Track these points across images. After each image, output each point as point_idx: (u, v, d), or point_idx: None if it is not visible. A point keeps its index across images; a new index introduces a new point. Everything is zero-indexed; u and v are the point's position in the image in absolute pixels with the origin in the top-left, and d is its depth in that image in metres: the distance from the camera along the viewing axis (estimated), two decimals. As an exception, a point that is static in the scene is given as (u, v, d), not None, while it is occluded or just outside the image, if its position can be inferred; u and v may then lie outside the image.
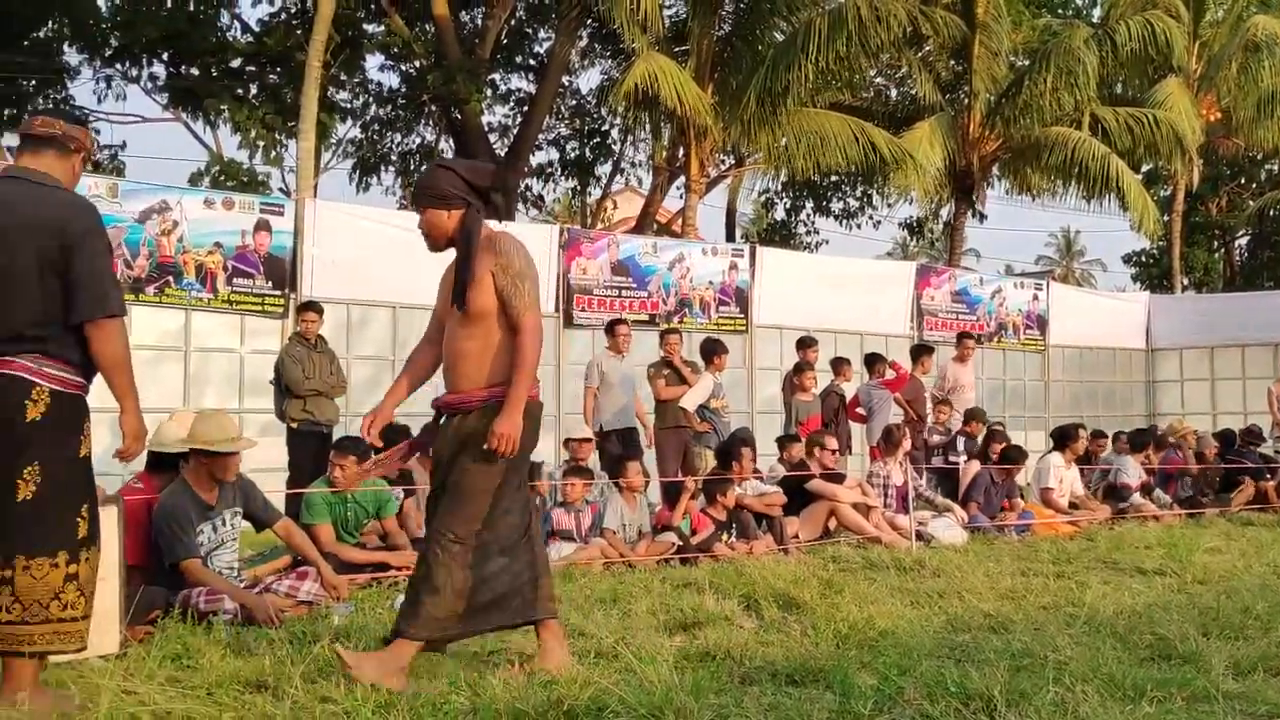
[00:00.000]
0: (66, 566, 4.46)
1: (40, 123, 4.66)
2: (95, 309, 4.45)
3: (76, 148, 4.69)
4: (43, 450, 4.43)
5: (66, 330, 4.44)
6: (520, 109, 26.04)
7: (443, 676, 4.95)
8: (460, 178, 5.02)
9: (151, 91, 23.29)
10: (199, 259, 12.29)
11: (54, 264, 4.40)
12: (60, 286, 4.41)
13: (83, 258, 4.43)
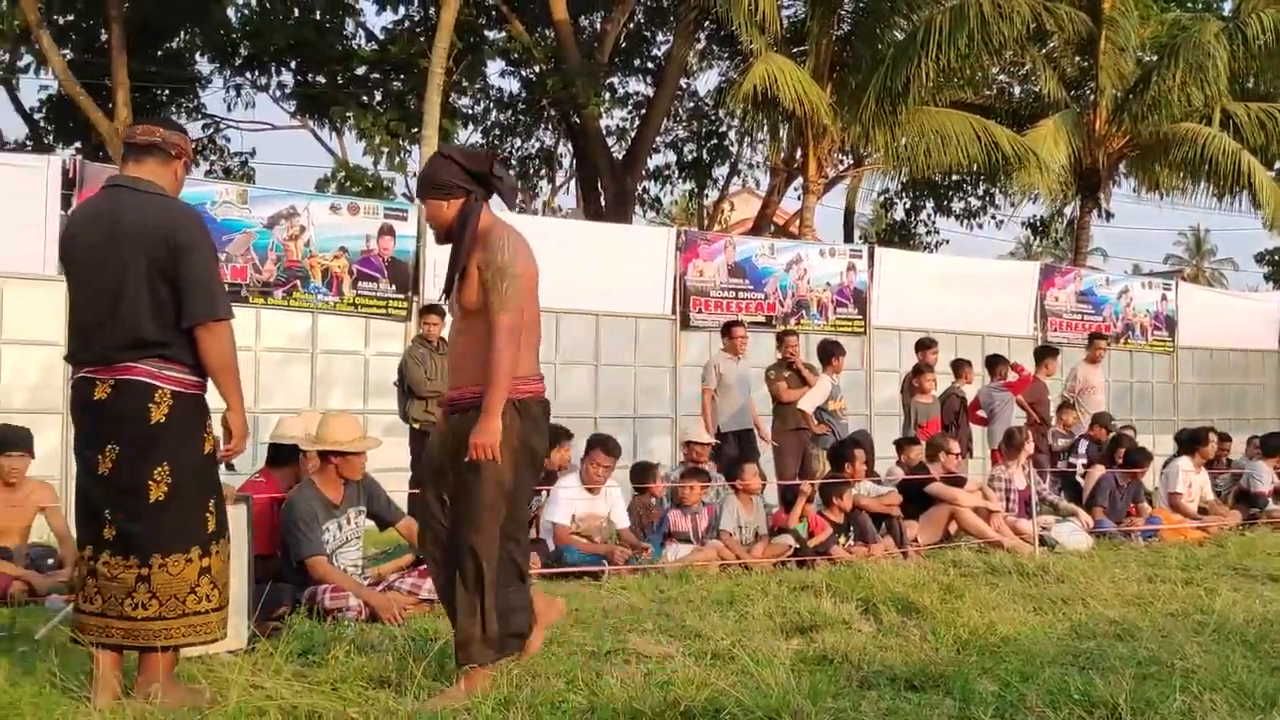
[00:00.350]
0: (200, 560, 4.60)
1: (141, 131, 4.77)
2: (205, 313, 4.56)
3: (177, 153, 4.78)
4: (170, 451, 4.57)
5: (181, 334, 4.56)
6: (638, 112, 26.14)
7: (560, 674, 5.00)
8: (459, 166, 4.86)
9: (280, 99, 23.92)
10: (325, 263, 12.56)
11: (164, 271, 4.51)
12: (170, 292, 4.53)
13: (191, 263, 4.53)
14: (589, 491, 8.88)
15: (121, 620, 4.51)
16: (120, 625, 4.52)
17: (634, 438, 14.03)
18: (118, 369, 4.52)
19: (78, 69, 19.72)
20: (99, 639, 4.54)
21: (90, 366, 4.55)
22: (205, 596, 4.62)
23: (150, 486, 4.53)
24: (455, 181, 4.85)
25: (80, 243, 4.60)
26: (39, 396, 11.11)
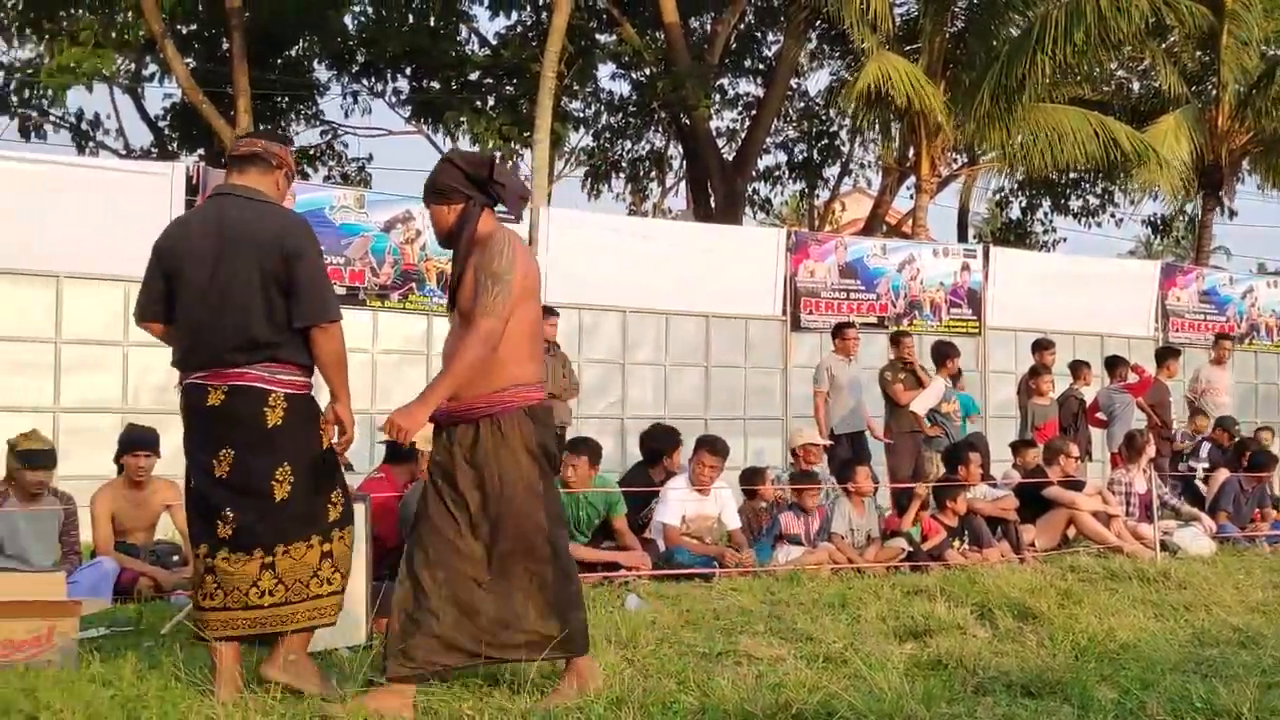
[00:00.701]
0: (320, 545, 4.76)
1: (244, 142, 4.92)
2: (319, 315, 4.68)
3: (278, 163, 4.89)
4: (289, 451, 4.70)
5: (292, 335, 4.66)
6: (748, 113, 26.08)
7: (671, 675, 5.01)
8: (459, 171, 4.79)
9: (395, 105, 24.29)
10: (440, 266, 12.72)
11: (276, 276, 4.62)
12: (282, 296, 4.64)
13: (303, 268, 4.65)
14: (699, 492, 8.89)
15: (246, 610, 4.63)
16: (245, 616, 4.64)
17: (744, 440, 13.98)
18: (230, 375, 4.63)
19: (200, 77, 20.22)
20: (223, 634, 4.66)
21: (201, 372, 4.66)
22: (327, 579, 4.77)
23: (274, 487, 4.65)
24: (456, 186, 4.77)
25: (188, 250, 4.71)
26: (164, 398, 11.40)
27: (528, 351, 4.67)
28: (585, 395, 12.56)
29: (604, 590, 7.67)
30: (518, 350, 4.63)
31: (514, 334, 4.59)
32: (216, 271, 4.64)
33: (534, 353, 4.74)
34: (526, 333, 4.66)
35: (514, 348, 4.61)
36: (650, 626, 6.20)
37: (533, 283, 4.73)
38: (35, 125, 22.66)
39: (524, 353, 4.65)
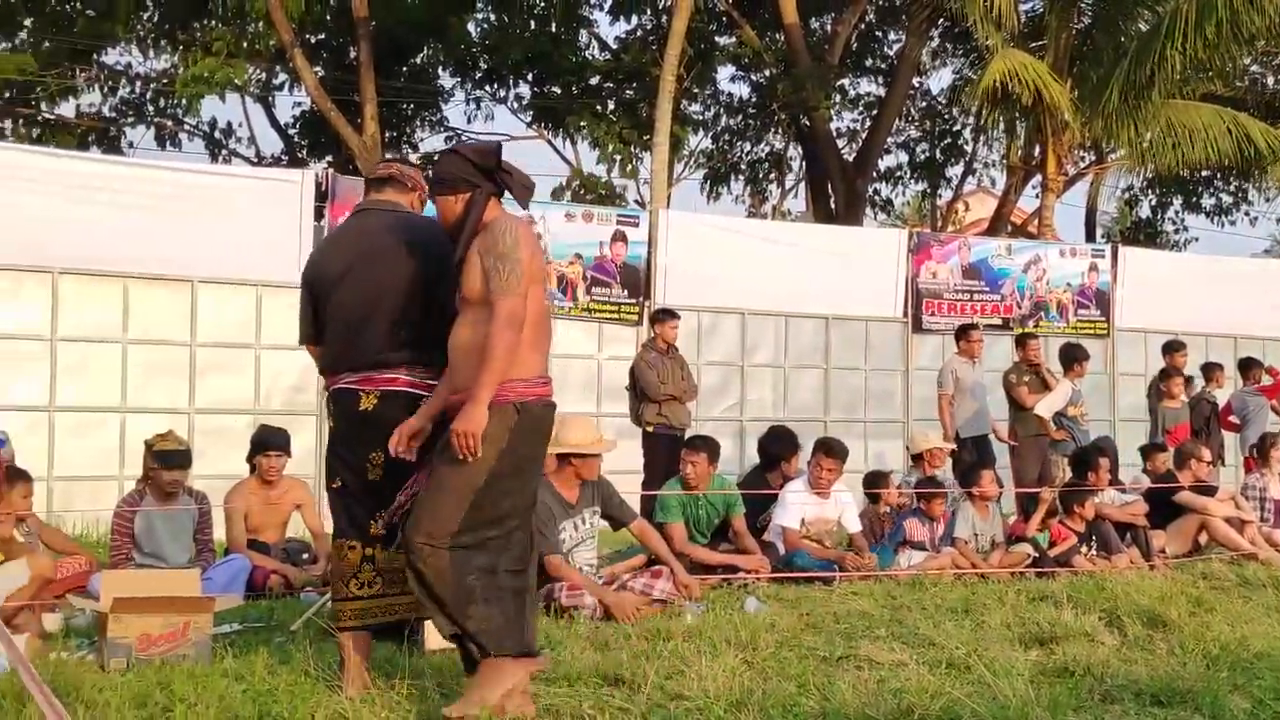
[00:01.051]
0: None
1: (381, 165, 5.12)
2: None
3: (413, 185, 5.03)
4: (437, 457, 4.74)
5: (439, 341, 4.67)
6: (869, 113, 25.87)
7: (791, 678, 5.00)
8: (466, 160, 4.62)
9: (517, 111, 24.57)
10: (560, 269, 12.86)
11: (428, 282, 4.71)
12: (434, 300, 4.70)
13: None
14: (818, 495, 8.84)
15: (404, 595, 4.72)
16: (405, 600, 4.75)
17: (864, 443, 13.87)
18: (382, 380, 4.72)
19: (328, 86, 20.68)
20: (383, 618, 4.80)
21: (352, 376, 4.74)
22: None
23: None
24: (461, 175, 4.58)
25: (334, 260, 4.83)
26: (295, 399, 11.70)
27: (529, 340, 4.43)
28: (703, 398, 12.57)
29: (723, 592, 7.67)
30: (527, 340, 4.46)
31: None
32: (367, 279, 4.73)
33: (533, 342, 4.47)
34: (529, 321, 4.43)
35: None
36: (770, 629, 6.18)
37: (538, 267, 4.51)
38: (171, 134, 23.39)
39: (524, 342, 4.41)
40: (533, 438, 4.49)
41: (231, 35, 20.11)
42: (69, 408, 10.85)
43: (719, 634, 5.93)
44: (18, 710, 4.22)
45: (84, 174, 11.37)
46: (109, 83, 22.92)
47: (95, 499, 10.39)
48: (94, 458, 10.85)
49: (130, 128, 23.68)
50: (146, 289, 11.22)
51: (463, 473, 4.33)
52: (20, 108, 21.88)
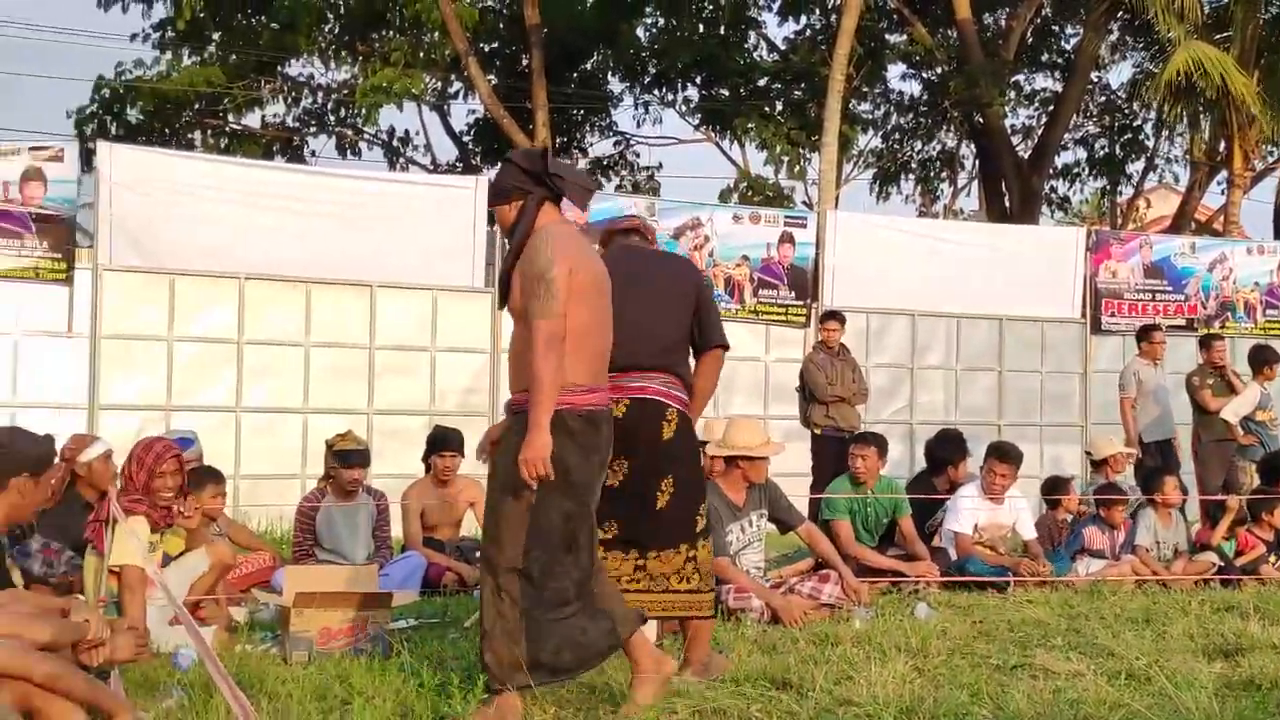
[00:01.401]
0: (687, 552, 5.07)
1: (624, 219, 5.74)
2: (720, 337, 5.27)
3: (651, 239, 5.63)
4: (675, 465, 5.04)
5: (684, 358, 5.17)
6: (1045, 109, 25.27)
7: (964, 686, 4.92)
8: (516, 167, 4.59)
9: (685, 114, 24.65)
10: (728, 271, 12.86)
11: (688, 305, 5.17)
12: (689, 323, 5.18)
13: (707, 300, 5.31)
14: (991, 501, 8.67)
15: (665, 594, 5.04)
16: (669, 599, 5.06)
17: (1039, 447, 13.55)
18: (633, 389, 4.94)
19: (501, 93, 21.07)
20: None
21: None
22: (687, 578, 5.05)
23: (658, 496, 4.99)
24: (513, 184, 4.55)
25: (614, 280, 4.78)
26: (469, 401, 11.94)
27: (570, 350, 4.34)
28: (873, 400, 12.43)
29: (893, 598, 7.58)
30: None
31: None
32: (630, 298, 4.88)
33: (576, 350, 4.37)
34: (571, 332, 4.35)
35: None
36: (941, 636, 6.10)
37: (584, 280, 4.40)
38: (351, 143, 24.11)
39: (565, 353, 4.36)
40: (571, 446, 4.36)
41: (409, 46, 20.65)
42: (254, 408, 11.26)
43: (888, 640, 5.86)
44: (205, 700, 4.40)
45: (269, 183, 11.79)
46: (292, 94, 23.74)
47: (279, 496, 10.77)
48: (278, 457, 11.24)
49: (312, 137, 24.51)
50: (328, 294, 11.57)
51: (506, 490, 4.37)
52: (209, 119, 22.81)
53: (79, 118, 21.58)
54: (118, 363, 10.80)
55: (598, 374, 4.51)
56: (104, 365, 10.70)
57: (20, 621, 3.76)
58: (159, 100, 21.65)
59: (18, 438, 4.83)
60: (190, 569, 6.11)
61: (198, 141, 22.97)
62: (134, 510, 5.60)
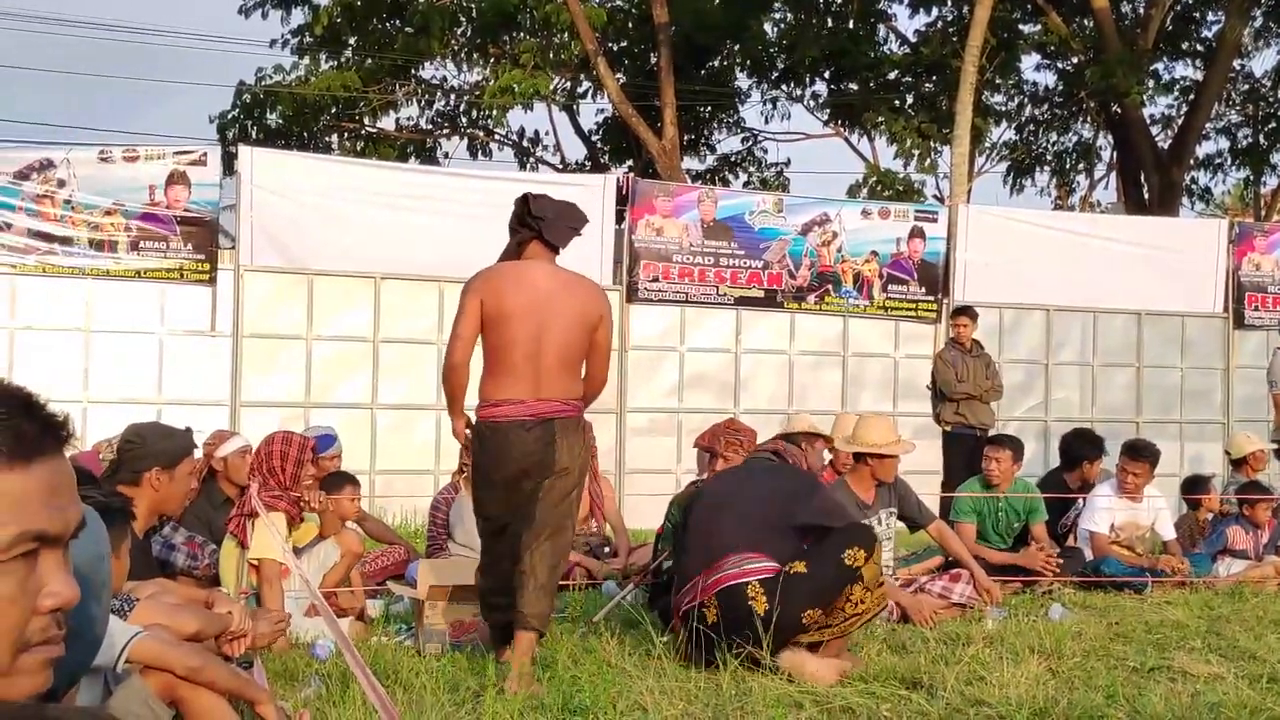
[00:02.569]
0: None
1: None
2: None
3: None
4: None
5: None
6: (1185, 98, 24.60)
7: (1099, 688, 4.83)
8: (514, 212, 5.47)
9: (813, 109, 24.52)
10: (856, 267, 12.77)
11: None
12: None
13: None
14: (1130, 500, 8.48)
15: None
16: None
17: (1179, 445, 13.22)
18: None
19: (629, 92, 21.17)
20: None
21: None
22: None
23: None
24: (513, 225, 5.44)
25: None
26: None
27: (487, 370, 5.23)
28: (1007, 397, 12.22)
29: (1026, 598, 7.46)
30: (486, 368, 5.24)
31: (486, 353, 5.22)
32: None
33: (491, 371, 5.22)
34: (488, 354, 5.22)
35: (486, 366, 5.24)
36: (1076, 637, 5.99)
37: (494, 306, 5.19)
38: (482, 144, 24.44)
39: (488, 370, 5.22)
40: (479, 450, 5.21)
41: (539, 47, 20.87)
42: (389, 405, 11.50)
43: (1021, 640, 5.78)
44: (341, 690, 4.52)
45: (403, 185, 12.03)
46: (425, 97, 24.16)
47: (412, 491, 11.00)
48: (411, 452, 11.46)
49: (445, 139, 24.91)
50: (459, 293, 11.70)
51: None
52: (345, 123, 23.33)
53: (221, 122, 22.25)
54: (258, 361, 11.11)
55: (510, 388, 5.16)
56: (245, 363, 11.02)
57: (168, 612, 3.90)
58: (297, 104, 22.21)
59: (148, 434, 5.04)
60: (322, 560, 6.26)
61: (335, 144, 23.50)
62: (274, 506, 5.77)
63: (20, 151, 10.76)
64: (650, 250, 12.08)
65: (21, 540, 1.24)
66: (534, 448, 5.07)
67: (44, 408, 1.33)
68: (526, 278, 5.27)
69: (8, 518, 1.23)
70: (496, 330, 5.14)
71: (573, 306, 5.20)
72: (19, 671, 1.26)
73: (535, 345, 5.12)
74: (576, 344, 5.20)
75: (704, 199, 12.56)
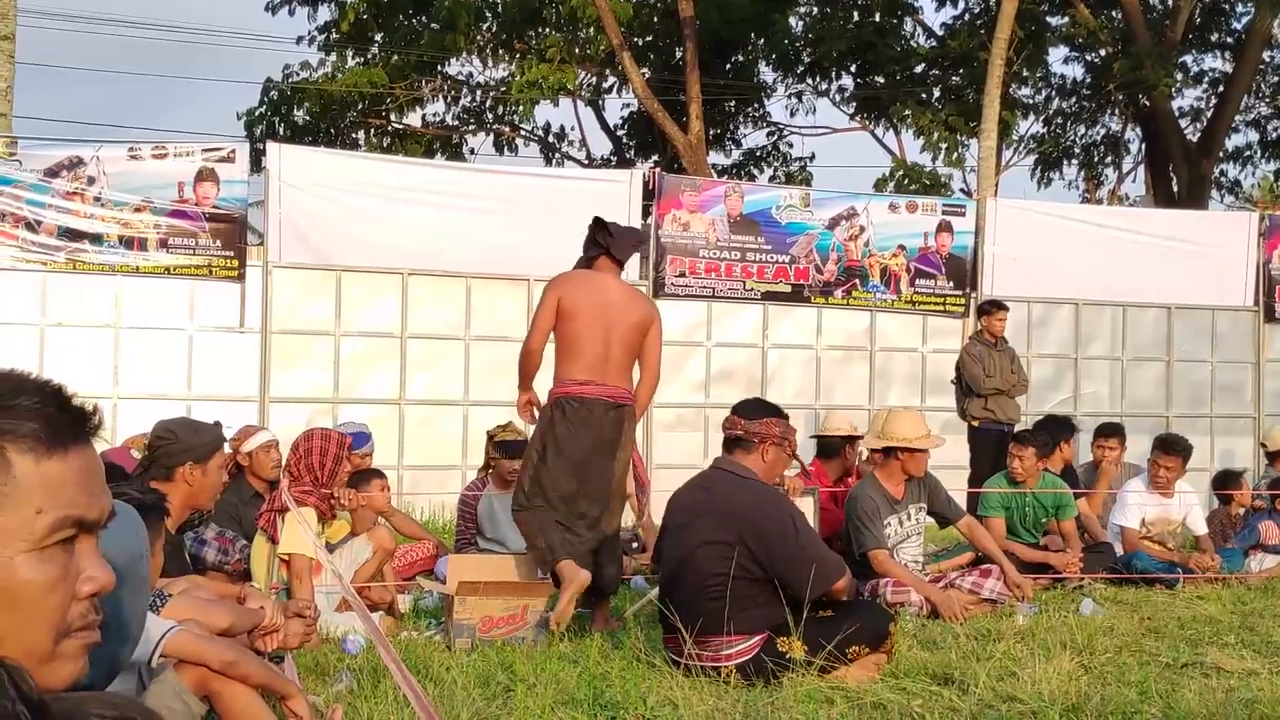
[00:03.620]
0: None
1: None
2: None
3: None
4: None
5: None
6: (1214, 90, 24.43)
7: (1132, 684, 4.81)
8: (589, 235, 6.38)
9: (839, 103, 24.45)
10: (883, 262, 12.72)
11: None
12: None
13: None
14: (1160, 494, 8.43)
15: None
16: None
17: (1210, 439, 13.13)
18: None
19: (655, 86, 21.16)
20: None
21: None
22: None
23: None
24: (587, 243, 6.37)
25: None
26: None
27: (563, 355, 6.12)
28: (1035, 391, 12.18)
29: (1056, 594, 7.43)
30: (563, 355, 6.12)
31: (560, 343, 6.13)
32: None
33: (571, 356, 6.09)
34: (558, 343, 6.13)
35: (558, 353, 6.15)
36: (1108, 633, 5.96)
37: (573, 302, 6.06)
38: (508, 139, 24.46)
39: (565, 357, 6.10)
40: (558, 420, 6.04)
41: (564, 42, 20.87)
42: (417, 401, 11.52)
43: (1053, 636, 5.75)
44: (373, 684, 4.53)
45: (429, 180, 12.03)
46: (451, 92, 24.20)
47: (440, 486, 11.02)
48: (439, 448, 11.48)
49: (471, 135, 24.96)
50: (487, 288, 11.75)
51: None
52: (372, 119, 23.39)
53: (249, 119, 22.34)
54: (287, 357, 11.14)
55: (581, 370, 6.06)
56: (274, 359, 11.05)
57: (200, 608, 3.92)
58: (324, 101, 22.28)
59: (179, 429, 5.07)
60: (354, 556, 6.29)
61: (361, 141, 23.57)
62: (304, 501, 5.79)
63: (50, 149, 10.78)
64: (677, 245, 12.07)
65: (63, 525, 1.27)
66: (609, 426, 6.00)
67: (74, 398, 1.36)
68: (597, 284, 6.17)
69: (49, 504, 1.26)
70: (570, 324, 6.03)
71: (632, 312, 6.13)
72: (60, 657, 1.29)
73: (604, 341, 6.01)
74: (634, 344, 6.12)
75: (730, 194, 12.53)
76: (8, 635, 1.24)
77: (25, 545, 1.25)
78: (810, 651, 4.80)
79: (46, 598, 1.27)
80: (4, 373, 1.32)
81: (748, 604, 4.88)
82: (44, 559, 1.26)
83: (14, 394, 1.29)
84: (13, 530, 1.25)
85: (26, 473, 1.26)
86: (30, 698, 1.04)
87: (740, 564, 4.87)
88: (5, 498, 1.25)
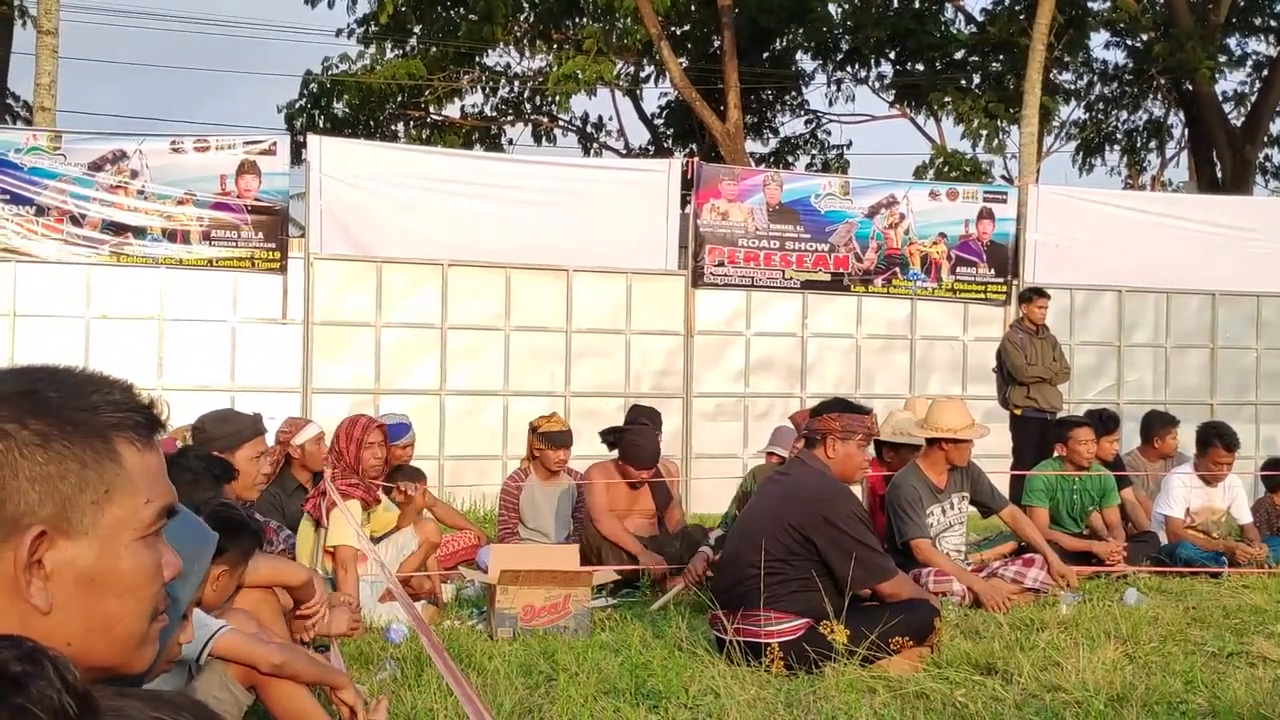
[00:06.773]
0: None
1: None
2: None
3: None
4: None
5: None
6: (1259, 74, 24.13)
7: (1177, 674, 4.78)
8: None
9: (878, 90, 24.33)
10: (924, 250, 12.66)
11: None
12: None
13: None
14: (1205, 483, 8.35)
15: None
16: None
17: (1255, 427, 13.00)
18: None
19: (693, 76, 21.11)
20: None
21: None
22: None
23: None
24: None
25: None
26: (663, 383, 12.03)
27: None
28: (1077, 379, 12.10)
29: (1100, 583, 7.38)
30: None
31: None
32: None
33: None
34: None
35: None
36: (1152, 623, 5.92)
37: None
38: (546, 130, 24.47)
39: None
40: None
41: (601, 32, 20.85)
42: (457, 391, 11.57)
43: (1096, 626, 5.73)
44: (416, 673, 4.57)
45: (469, 171, 12.08)
46: (490, 84, 24.23)
47: (481, 476, 11.06)
48: (480, 438, 11.53)
49: (509, 126, 24.98)
50: (526, 279, 11.78)
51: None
52: (411, 111, 23.46)
53: (289, 112, 22.45)
54: (329, 348, 11.21)
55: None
56: (316, 350, 11.12)
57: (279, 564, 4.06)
58: (363, 93, 22.36)
59: (207, 422, 5.15)
60: (400, 548, 6.33)
61: (400, 133, 23.64)
62: (349, 494, 5.83)
63: (93, 143, 10.88)
64: (716, 234, 12.05)
65: (163, 514, 1.35)
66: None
67: (141, 393, 1.43)
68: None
69: (153, 493, 1.33)
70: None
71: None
72: (150, 640, 1.35)
73: None
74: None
75: (769, 182, 12.50)
76: (119, 620, 1.30)
77: (135, 533, 1.31)
78: (853, 640, 4.81)
79: (152, 583, 1.33)
80: (90, 372, 1.38)
81: (792, 584, 4.94)
82: (148, 546, 1.33)
83: (109, 390, 1.35)
84: (124, 520, 1.30)
85: (133, 464, 1.32)
86: (76, 688, 1.07)
87: (789, 545, 4.98)
88: (118, 489, 1.30)
